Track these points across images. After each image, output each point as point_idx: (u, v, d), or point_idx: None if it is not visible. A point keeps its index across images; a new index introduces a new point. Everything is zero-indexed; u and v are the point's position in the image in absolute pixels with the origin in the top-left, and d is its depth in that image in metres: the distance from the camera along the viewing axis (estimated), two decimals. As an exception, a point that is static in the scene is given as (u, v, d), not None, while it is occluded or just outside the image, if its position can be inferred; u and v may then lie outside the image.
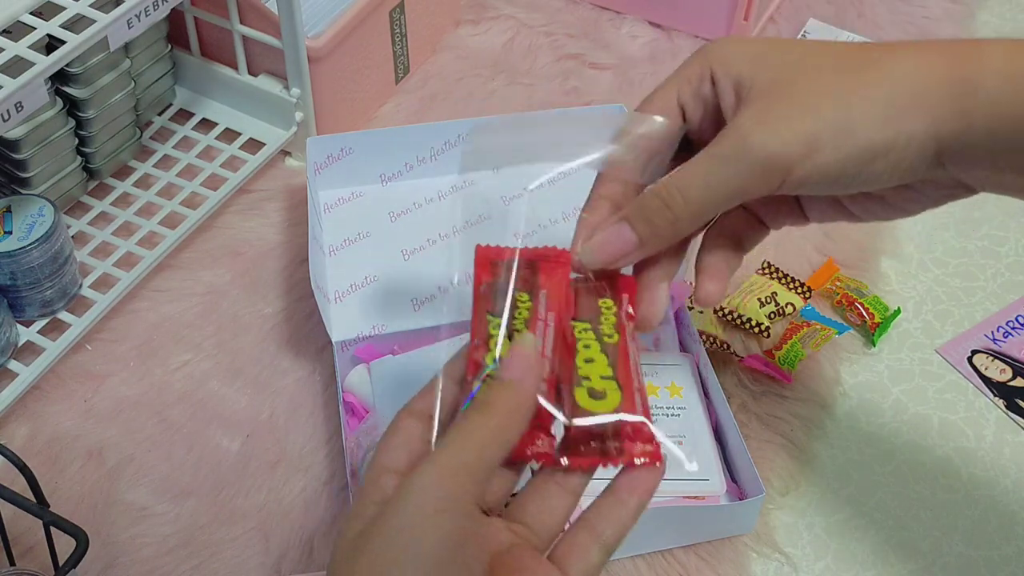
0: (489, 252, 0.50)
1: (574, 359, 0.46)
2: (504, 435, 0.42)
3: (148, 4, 0.67)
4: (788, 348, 0.73)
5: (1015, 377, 0.75)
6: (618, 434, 0.44)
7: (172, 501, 0.68)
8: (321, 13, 0.85)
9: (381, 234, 0.78)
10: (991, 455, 0.72)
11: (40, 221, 0.71)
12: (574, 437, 0.44)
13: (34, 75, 0.61)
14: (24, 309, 0.74)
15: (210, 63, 0.88)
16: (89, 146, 0.80)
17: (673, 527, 0.65)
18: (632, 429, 0.44)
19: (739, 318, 0.76)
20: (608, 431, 0.44)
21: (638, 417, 0.45)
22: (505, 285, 0.48)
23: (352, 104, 0.89)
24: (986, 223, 0.86)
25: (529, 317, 0.47)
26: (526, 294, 0.48)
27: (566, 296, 0.48)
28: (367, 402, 0.69)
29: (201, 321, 0.77)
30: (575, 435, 0.44)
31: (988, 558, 0.67)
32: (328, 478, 0.69)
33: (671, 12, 1.00)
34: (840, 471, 0.71)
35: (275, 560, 0.65)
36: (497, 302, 0.47)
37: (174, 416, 0.72)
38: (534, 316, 0.47)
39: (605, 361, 0.46)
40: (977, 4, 1.06)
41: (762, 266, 0.80)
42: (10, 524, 0.61)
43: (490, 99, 0.94)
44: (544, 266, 0.49)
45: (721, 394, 0.68)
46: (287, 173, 0.88)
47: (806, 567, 0.66)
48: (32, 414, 0.72)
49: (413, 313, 0.73)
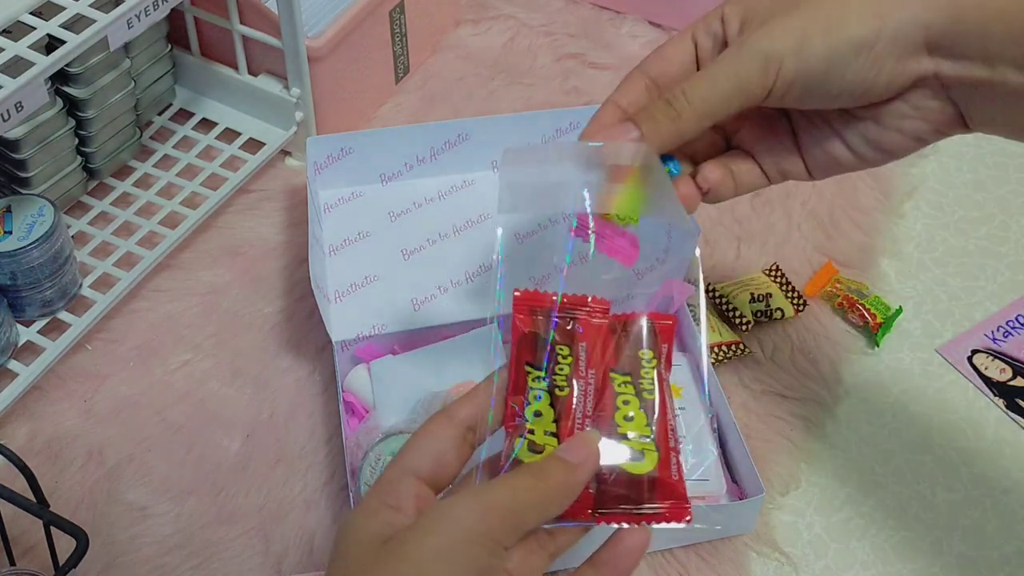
0: (528, 298, 0.49)
1: (613, 415, 0.47)
2: (548, 505, 0.43)
3: (148, 4, 0.67)
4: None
5: (1015, 377, 0.75)
6: (653, 494, 0.45)
7: (172, 501, 0.68)
8: (321, 13, 0.85)
9: (381, 234, 0.78)
10: (991, 455, 0.71)
11: (40, 221, 0.71)
12: (612, 496, 0.45)
13: (34, 75, 0.61)
14: (24, 309, 0.74)
15: (210, 63, 0.88)
16: (89, 146, 0.80)
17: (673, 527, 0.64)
18: (667, 488, 0.45)
19: (727, 304, 0.76)
20: (643, 492, 0.45)
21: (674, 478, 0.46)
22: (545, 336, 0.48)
23: (352, 104, 0.89)
24: (986, 223, 0.86)
25: (570, 373, 0.47)
26: (566, 347, 0.48)
27: (604, 347, 0.49)
28: (367, 402, 0.69)
29: (201, 321, 0.77)
30: (613, 495, 0.45)
31: (988, 558, 0.67)
32: (328, 478, 0.69)
33: (671, 12, 1.00)
34: (840, 471, 0.71)
35: (275, 560, 0.65)
36: (537, 354, 0.48)
37: (174, 416, 0.72)
38: (575, 372, 0.47)
39: (644, 420, 0.47)
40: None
41: (769, 267, 0.80)
42: (10, 524, 0.61)
43: (490, 99, 0.94)
44: (582, 317, 0.49)
45: (721, 394, 0.68)
46: (287, 173, 0.88)
47: (806, 567, 0.66)
48: (32, 414, 0.72)
49: (413, 313, 0.73)
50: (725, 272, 0.81)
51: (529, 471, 0.44)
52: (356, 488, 0.64)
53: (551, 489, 0.43)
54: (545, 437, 0.46)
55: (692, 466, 0.66)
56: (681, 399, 0.69)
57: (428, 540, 0.40)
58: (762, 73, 0.48)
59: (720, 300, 0.77)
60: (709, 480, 0.65)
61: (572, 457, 0.44)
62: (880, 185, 0.87)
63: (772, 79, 0.48)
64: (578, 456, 0.44)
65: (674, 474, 0.46)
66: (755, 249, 0.83)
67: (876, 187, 0.87)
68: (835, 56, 0.47)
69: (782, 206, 0.85)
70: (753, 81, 0.48)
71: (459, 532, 0.40)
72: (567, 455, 0.44)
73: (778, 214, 0.85)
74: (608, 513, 0.45)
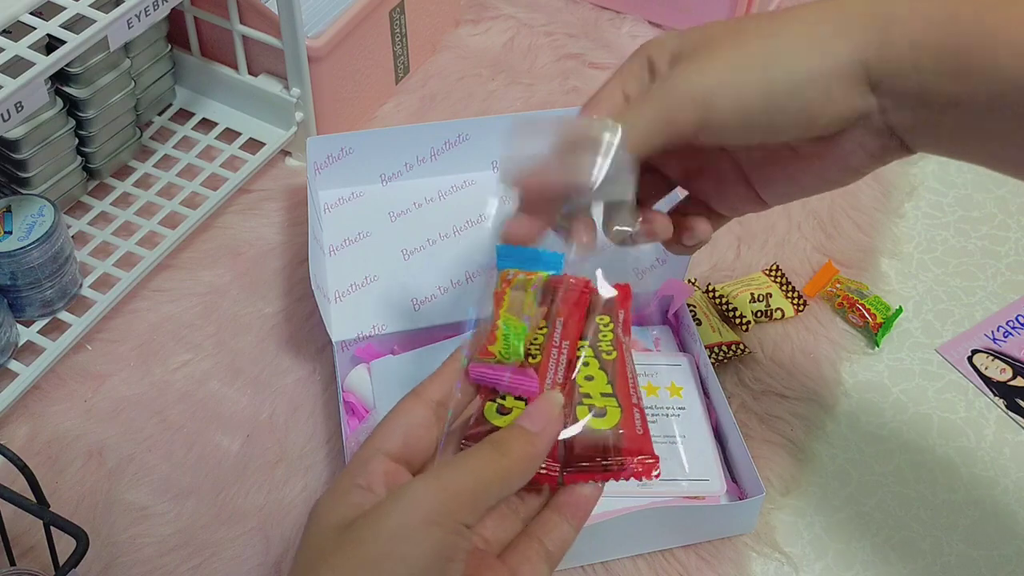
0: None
1: (574, 376, 0.47)
2: (510, 479, 0.43)
3: (148, 4, 0.67)
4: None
5: (1015, 377, 0.75)
6: (619, 449, 0.46)
7: (172, 501, 0.68)
8: (321, 13, 0.85)
9: (381, 234, 0.78)
10: (991, 455, 0.72)
11: (40, 221, 0.71)
12: (577, 455, 0.46)
13: (34, 75, 0.61)
14: (24, 309, 0.74)
15: (210, 63, 0.88)
16: (89, 146, 0.80)
17: (673, 527, 0.65)
18: (632, 443, 0.46)
19: (727, 305, 0.76)
20: (609, 447, 0.46)
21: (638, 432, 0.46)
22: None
23: (352, 104, 0.89)
24: (986, 223, 0.86)
25: (544, 343, 0.48)
26: (543, 320, 0.49)
27: (579, 321, 0.49)
28: (367, 402, 0.69)
29: (201, 321, 0.77)
30: (578, 453, 0.46)
31: (988, 558, 0.67)
32: (328, 478, 0.69)
33: (671, 12, 1.00)
34: (840, 471, 0.71)
35: (275, 560, 0.65)
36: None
37: (174, 416, 0.72)
38: (549, 342, 0.48)
39: (605, 379, 0.47)
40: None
41: (770, 268, 0.80)
42: (10, 524, 0.61)
43: (490, 99, 0.94)
44: (564, 294, 0.49)
45: (721, 394, 0.68)
46: (287, 173, 0.88)
47: (806, 567, 0.66)
48: (32, 414, 0.72)
49: (413, 313, 0.73)
50: (725, 272, 0.81)
51: (490, 444, 0.44)
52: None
53: (512, 463, 0.43)
54: (515, 401, 0.46)
55: (692, 466, 0.66)
56: (681, 399, 0.69)
57: (385, 523, 0.40)
58: (692, 107, 0.47)
59: (720, 300, 0.77)
60: (709, 480, 0.65)
61: (533, 425, 0.44)
62: (880, 185, 0.87)
63: (701, 113, 0.47)
64: (538, 423, 0.45)
65: (638, 428, 0.46)
66: (755, 249, 0.83)
67: (876, 187, 0.87)
68: (773, 90, 0.46)
69: (782, 206, 0.85)
70: (682, 115, 0.47)
71: (417, 513, 0.40)
72: (528, 422, 0.45)
73: (778, 214, 0.85)
74: (575, 471, 0.46)
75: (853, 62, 0.45)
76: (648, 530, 0.64)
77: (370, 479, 0.43)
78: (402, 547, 0.40)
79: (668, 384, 0.70)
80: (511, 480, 0.43)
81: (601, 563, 0.65)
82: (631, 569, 0.65)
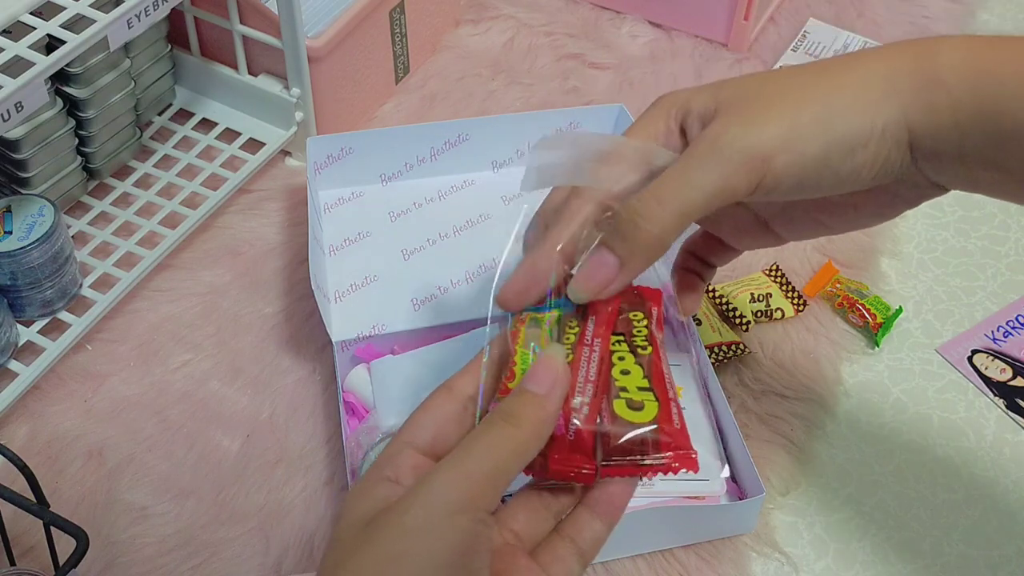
0: None
1: (610, 371, 0.47)
2: (527, 448, 0.42)
3: (148, 4, 0.67)
4: None
5: (1015, 377, 0.75)
6: (657, 445, 0.45)
7: (172, 501, 0.68)
8: (321, 13, 0.85)
9: (381, 234, 0.78)
10: (991, 455, 0.72)
11: (40, 221, 0.71)
12: (615, 449, 0.45)
13: (34, 75, 0.61)
14: (24, 309, 0.74)
15: (210, 63, 0.88)
16: (89, 146, 0.80)
17: (673, 527, 0.65)
18: (670, 437, 0.45)
19: (727, 305, 0.76)
20: (648, 442, 0.45)
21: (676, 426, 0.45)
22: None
23: (352, 104, 0.89)
24: (986, 223, 0.86)
25: (576, 341, 0.47)
26: (575, 319, 0.48)
27: (611, 320, 0.49)
28: (367, 402, 0.69)
29: (201, 321, 0.77)
30: (616, 447, 0.45)
31: (988, 558, 0.67)
32: (328, 478, 0.69)
33: (671, 12, 1.00)
34: (840, 471, 0.71)
35: (275, 560, 0.65)
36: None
37: (174, 416, 0.72)
38: (580, 340, 0.47)
39: (641, 373, 0.47)
40: (977, 4, 1.06)
41: (770, 267, 0.80)
42: (10, 524, 0.61)
43: (490, 99, 0.94)
44: None
45: (721, 394, 0.68)
46: (287, 173, 0.88)
47: (806, 567, 0.66)
48: (32, 414, 0.72)
49: (413, 313, 0.73)
50: (725, 272, 0.81)
51: (501, 416, 0.43)
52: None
53: (526, 434, 0.42)
54: None
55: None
56: (681, 399, 0.69)
57: (407, 518, 0.40)
58: (748, 171, 0.45)
59: (720, 300, 0.77)
60: (709, 480, 0.65)
61: (539, 387, 0.43)
62: (880, 185, 0.87)
63: (758, 178, 0.45)
64: (545, 383, 0.43)
65: (676, 422, 0.45)
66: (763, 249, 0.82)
67: (876, 187, 0.87)
68: (830, 152, 0.45)
69: (782, 206, 0.85)
70: (739, 181, 0.45)
71: (439, 505, 0.40)
72: (534, 384, 0.43)
73: (778, 214, 0.85)
74: (612, 465, 0.45)
75: (900, 126, 0.46)
76: (648, 530, 0.64)
77: (398, 472, 0.43)
78: (426, 542, 0.39)
79: (668, 384, 0.70)
80: (528, 452, 0.42)
81: (601, 563, 0.65)
82: (631, 569, 0.65)
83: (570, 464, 0.44)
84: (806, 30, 1.01)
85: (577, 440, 0.44)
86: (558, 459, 0.44)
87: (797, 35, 1.00)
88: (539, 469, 0.45)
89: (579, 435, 0.44)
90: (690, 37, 1.00)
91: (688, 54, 0.99)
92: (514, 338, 0.47)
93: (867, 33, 1.01)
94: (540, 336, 0.47)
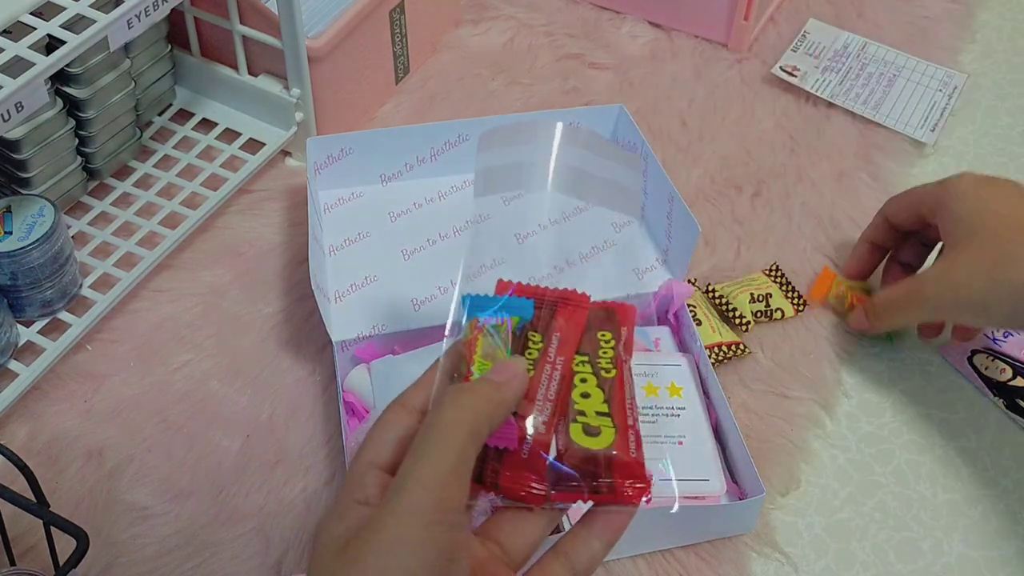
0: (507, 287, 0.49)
1: (570, 393, 0.46)
2: (479, 428, 0.42)
3: (148, 4, 0.67)
4: None
5: (1015, 377, 0.75)
6: (610, 470, 0.45)
7: (172, 501, 0.68)
8: (321, 13, 0.85)
9: (381, 234, 0.78)
10: (991, 455, 0.72)
11: (40, 221, 0.71)
12: (567, 473, 0.44)
13: (34, 75, 0.61)
14: (24, 309, 0.74)
15: (210, 63, 0.88)
16: (89, 146, 0.80)
17: (673, 527, 0.65)
18: (624, 466, 0.45)
19: (726, 305, 0.76)
20: (601, 467, 0.45)
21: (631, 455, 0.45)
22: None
23: (352, 104, 0.89)
24: (986, 223, 0.86)
25: (538, 358, 0.47)
26: (539, 335, 0.48)
27: (576, 337, 0.48)
28: (367, 402, 0.69)
29: (201, 321, 0.77)
30: (567, 471, 0.44)
31: (988, 558, 0.67)
32: (328, 478, 0.69)
33: (671, 12, 1.00)
34: (840, 471, 0.71)
35: (275, 560, 0.65)
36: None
37: (174, 416, 0.72)
38: (543, 357, 0.47)
39: (601, 397, 0.46)
40: (977, 4, 1.06)
41: (770, 268, 0.80)
42: (10, 524, 0.61)
43: (490, 99, 0.94)
44: (562, 309, 0.49)
45: (721, 394, 0.68)
46: (287, 173, 0.88)
47: (806, 567, 0.66)
48: (32, 414, 0.72)
49: (413, 313, 0.73)
50: (725, 272, 0.81)
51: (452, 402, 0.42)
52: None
53: (478, 408, 0.42)
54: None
55: (692, 466, 0.66)
56: (681, 399, 0.69)
57: (381, 537, 0.39)
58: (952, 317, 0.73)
59: (720, 300, 0.77)
60: (709, 480, 0.65)
61: (496, 376, 0.44)
62: (880, 185, 0.87)
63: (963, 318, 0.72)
64: (502, 376, 0.44)
65: (632, 451, 0.45)
66: (755, 249, 0.83)
67: (876, 187, 0.87)
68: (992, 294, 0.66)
69: (782, 206, 0.85)
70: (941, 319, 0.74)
71: (411, 519, 0.39)
72: (491, 375, 0.44)
73: (778, 214, 0.85)
74: (563, 489, 0.44)
75: None
76: (648, 530, 0.64)
77: (367, 494, 0.42)
78: (403, 559, 0.39)
79: (668, 384, 0.70)
80: (480, 429, 0.42)
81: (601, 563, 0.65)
82: (631, 569, 0.65)
83: (521, 482, 0.44)
84: (806, 30, 1.01)
85: (531, 458, 0.44)
86: (510, 476, 0.44)
87: (797, 35, 1.00)
88: (490, 484, 0.44)
89: (533, 453, 0.44)
90: (690, 37, 1.00)
91: (688, 54, 0.99)
92: (470, 349, 0.46)
93: (867, 33, 1.01)
94: (497, 349, 0.47)
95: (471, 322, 0.47)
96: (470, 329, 0.47)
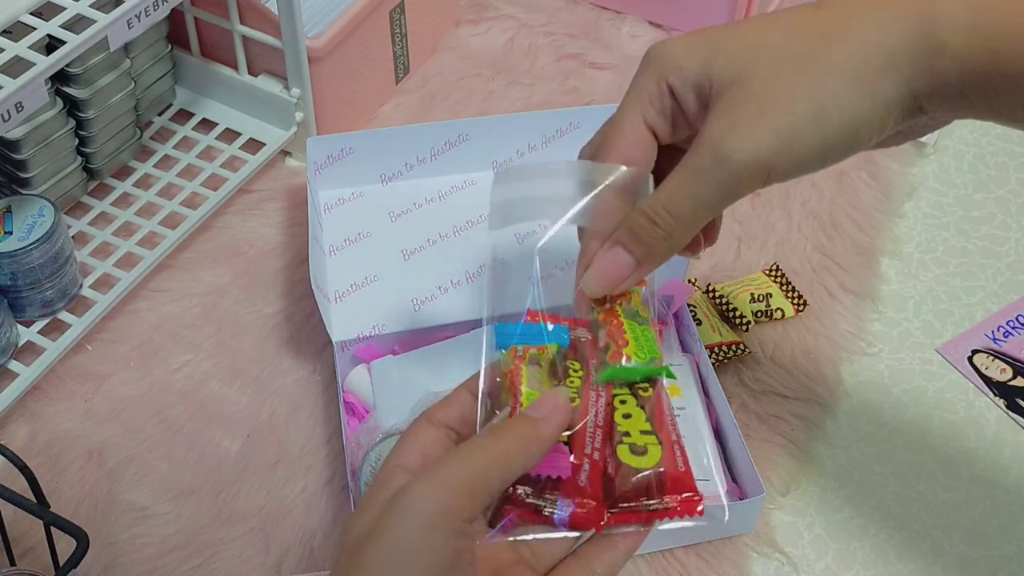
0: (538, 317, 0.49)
1: (613, 416, 0.46)
2: (509, 462, 0.42)
3: (148, 4, 0.67)
4: None
5: (1015, 377, 0.75)
6: (662, 489, 0.45)
7: (172, 501, 0.68)
8: (321, 13, 0.85)
9: (381, 234, 0.78)
10: (991, 455, 0.72)
11: (40, 221, 0.71)
12: (620, 495, 0.45)
13: (34, 75, 0.62)
14: (24, 309, 0.74)
15: (210, 63, 0.88)
16: (89, 146, 0.80)
17: (673, 527, 0.64)
18: (675, 480, 0.45)
19: (727, 305, 0.76)
20: (652, 486, 0.45)
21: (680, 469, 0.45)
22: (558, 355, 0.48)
23: (352, 104, 0.89)
24: (986, 223, 0.86)
25: (581, 386, 0.47)
26: (577, 362, 0.48)
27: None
28: (367, 402, 0.69)
29: (201, 321, 0.77)
30: (620, 493, 0.45)
31: (988, 558, 0.67)
32: (328, 478, 0.69)
33: (671, 12, 1.00)
34: (840, 471, 0.71)
35: (275, 560, 0.65)
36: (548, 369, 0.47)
37: (174, 416, 0.72)
38: (586, 383, 0.47)
39: (643, 416, 0.46)
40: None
41: (770, 267, 0.80)
42: (10, 524, 0.61)
43: (490, 99, 0.94)
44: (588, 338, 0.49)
45: (721, 394, 0.68)
46: (287, 173, 0.88)
47: (806, 567, 0.66)
48: (32, 414, 0.72)
49: (413, 313, 0.73)
50: (725, 272, 0.81)
51: (488, 431, 0.43)
52: (356, 488, 0.64)
53: (510, 444, 0.42)
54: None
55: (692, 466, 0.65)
56: (681, 399, 0.69)
57: (385, 540, 0.39)
58: (749, 183, 0.46)
59: (720, 300, 0.77)
60: (709, 480, 0.65)
61: (536, 412, 0.43)
62: (880, 185, 0.87)
63: (762, 183, 0.46)
64: (541, 411, 0.43)
65: (680, 465, 0.45)
66: (755, 249, 0.83)
67: (876, 187, 0.87)
68: (828, 143, 0.46)
69: (782, 206, 0.85)
70: (742, 188, 0.47)
71: (415, 522, 0.39)
72: (531, 410, 0.44)
73: (778, 214, 0.85)
74: (619, 512, 0.44)
75: (903, 96, 0.45)
76: (648, 530, 0.64)
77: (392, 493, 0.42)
78: (405, 565, 0.39)
79: (668, 384, 0.69)
80: (511, 463, 0.42)
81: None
82: (631, 569, 0.65)
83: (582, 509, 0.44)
84: (806, 30, 1.00)
85: (589, 485, 0.44)
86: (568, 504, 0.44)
87: (797, 35, 1.00)
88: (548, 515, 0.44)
89: (591, 479, 0.44)
90: (690, 37, 1.00)
91: (688, 54, 0.99)
92: (515, 379, 0.46)
93: (867, 33, 1.00)
94: (542, 376, 0.47)
95: (510, 350, 0.47)
96: (510, 358, 0.47)
